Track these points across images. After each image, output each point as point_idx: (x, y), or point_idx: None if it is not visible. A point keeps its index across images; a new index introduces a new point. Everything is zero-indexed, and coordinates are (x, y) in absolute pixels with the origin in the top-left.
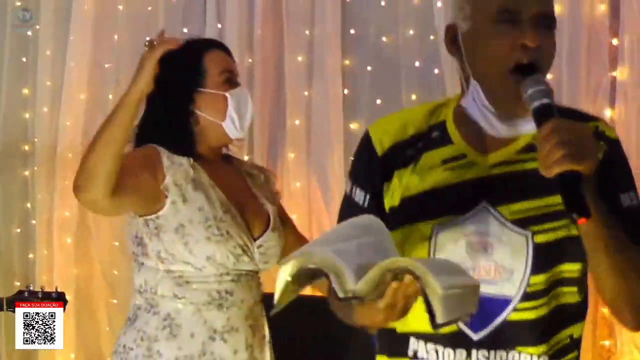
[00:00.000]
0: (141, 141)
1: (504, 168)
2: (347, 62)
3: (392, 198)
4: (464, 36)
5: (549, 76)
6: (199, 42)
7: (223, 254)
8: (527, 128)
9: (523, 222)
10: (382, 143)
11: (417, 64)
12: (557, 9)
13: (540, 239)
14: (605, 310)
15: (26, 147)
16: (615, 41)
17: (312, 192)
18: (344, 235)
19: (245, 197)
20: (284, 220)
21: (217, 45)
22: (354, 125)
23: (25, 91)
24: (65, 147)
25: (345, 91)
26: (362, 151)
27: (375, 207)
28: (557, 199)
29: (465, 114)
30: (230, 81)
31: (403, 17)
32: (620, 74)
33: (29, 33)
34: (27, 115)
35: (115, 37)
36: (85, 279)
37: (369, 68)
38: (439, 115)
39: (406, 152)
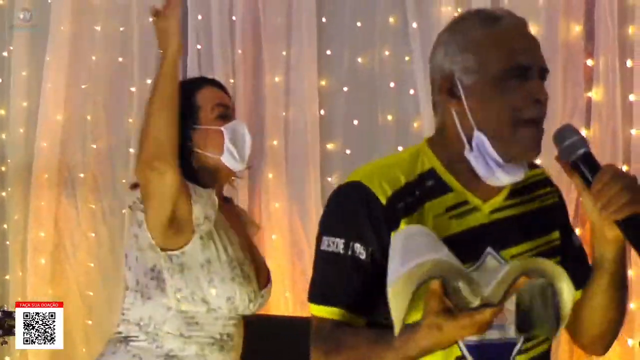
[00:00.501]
0: None
1: (499, 214)
2: (323, 82)
3: None
4: (468, 89)
5: None
6: (191, 81)
7: (242, 297)
8: (520, 175)
9: None
10: (385, 192)
11: (392, 84)
12: (533, 29)
13: None
14: None
15: (2, 168)
16: (590, 62)
17: (291, 212)
18: (427, 245)
19: (250, 244)
20: None
21: (208, 82)
22: (330, 146)
23: (1, 112)
24: (41, 167)
25: (322, 112)
26: (359, 204)
27: (378, 260)
28: (546, 239)
29: (454, 161)
30: (224, 115)
31: (379, 38)
32: (596, 94)
33: (5, 54)
34: (3, 136)
35: (93, 57)
36: (60, 299)
37: (345, 89)
38: (424, 163)
39: (407, 200)
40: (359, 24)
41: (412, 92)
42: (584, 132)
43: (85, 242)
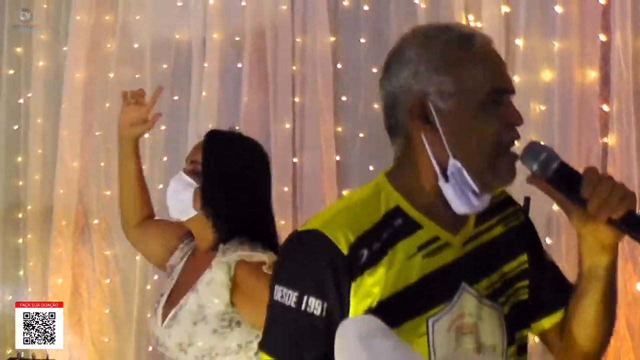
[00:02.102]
0: None
1: (471, 244)
2: (339, 129)
3: (365, 300)
4: (444, 114)
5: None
6: None
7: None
8: (488, 200)
9: (493, 296)
10: (347, 240)
11: None
12: (548, 75)
13: (506, 309)
14: None
15: (19, 215)
16: (605, 107)
17: None
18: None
19: (181, 289)
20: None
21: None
22: (346, 192)
23: (19, 159)
24: (59, 214)
25: (338, 158)
26: (317, 255)
27: (335, 316)
28: (514, 264)
29: (415, 194)
30: (192, 170)
31: None
32: (611, 140)
33: (21, 101)
34: (20, 183)
35: (107, 104)
36: (77, 346)
37: (360, 135)
38: (388, 201)
39: (372, 246)
40: (374, 69)
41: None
42: None
43: (99, 288)
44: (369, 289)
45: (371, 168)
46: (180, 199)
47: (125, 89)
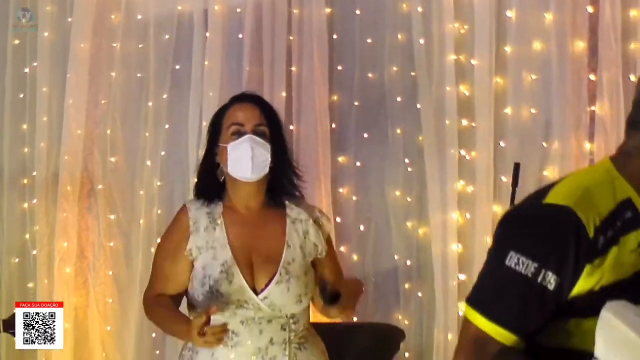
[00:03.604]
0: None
1: None
2: (334, 97)
3: (588, 283)
4: None
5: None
6: (228, 103)
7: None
8: None
9: None
10: (594, 223)
11: (399, 99)
12: (539, 46)
13: None
14: None
15: (25, 181)
16: (592, 77)
17: None
18: None
19: (262, 251)
20: (323, 263)
21: (238, 99)
22: (341, 159)
23: (24, 127)
24: (65, 180)
25: (333, 125)
26: (568, 233)
27: (564, 293)
28: None
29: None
30: (238, 133)
31: (388, 54)
32: (600, 108)
33: (26, 70)
34: (26, 150)
35: (112, 74)
36: (82, 308)
37: (355, 103)
38: (622, 190)
39: (607, 233)
40: (369, 40)
41: (418, 106)
42: (587, 146)
43: (103, 251)
44: (595, 273)
45: (365, 135)
46: (262, 160)
47: (129, 59)
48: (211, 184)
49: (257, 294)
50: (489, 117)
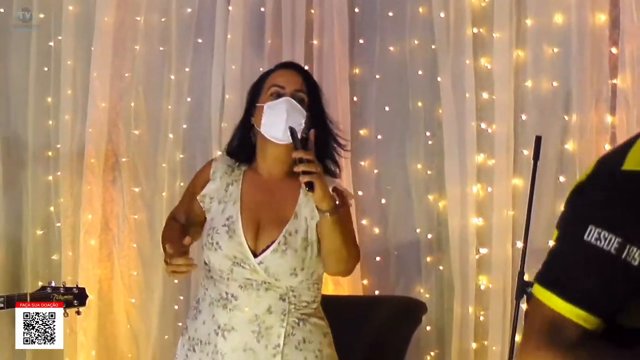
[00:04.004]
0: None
1: None
2: (356, 71)
3: None
4: None
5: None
6: (272, 68)
7: (215, 262)
8: None
9: None
10: None
11: (420, 72)
12: (560, 18)
13: None
14: None
15: (49, 153)
16: (614, 50)
17: None
18: None
19: (270, 216)
20: None
21: (284, 66)
22: (362, 132)
23: (49, 100)
24: (89, 153)
25: (354, 98)
26: None
27: None
28: None
29: None
30: (277, 94)
31: (409, 27)
32: (622, 81)
33: (51, 44)
34: (50, 123)
35: (137, 47)
36: (107, 280)
37: (377, 76)
38: None
39: None
40: (390, 13)
41: (439, 79)
42: (609, 119)
43: (127, 224)
44: None
45: (386, 108)
46: (297, 122)
47: (152, 32)
48: (243, 144)
49: (255, 256)
50: (509, 90)
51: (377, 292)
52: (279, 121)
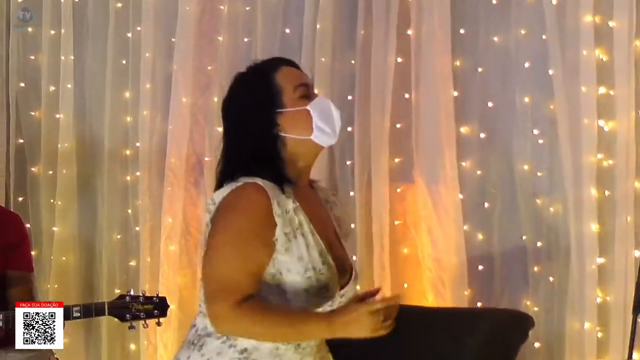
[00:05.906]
0: (233, 173)
1: None
2: (457, 63)
3: None
4: None
5: None
6: (266, 64)
7: (315, 305)
8: None
9: None
10: None
11: (527, 64)
12: None
13: None
14: None
15: (127, 152)
16: None
17: (420, 193)
18: None
19: (332, 237)
20: None
21: (284, 62)
22: (464, 129)
23: (127, 94)
24: (171, 152)
25: (455, 93)
26: None
27: None
28: None
29: None
30: (307, 95)
31: (515, 16)
32: None
33: (129, 35)
34: (128, 120)
35: (220, 38)
36: (187, 289)
37: (479, 69)
38: None
39: None
40: (494, 1)
41: (550, 72)
42: None
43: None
44: None
45: (490, 104)
46: (339, 127)
47: (236, 22)
48: (273, 159)
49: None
50: (629, 84)
51: (479, 304)
52: (330, 121)
